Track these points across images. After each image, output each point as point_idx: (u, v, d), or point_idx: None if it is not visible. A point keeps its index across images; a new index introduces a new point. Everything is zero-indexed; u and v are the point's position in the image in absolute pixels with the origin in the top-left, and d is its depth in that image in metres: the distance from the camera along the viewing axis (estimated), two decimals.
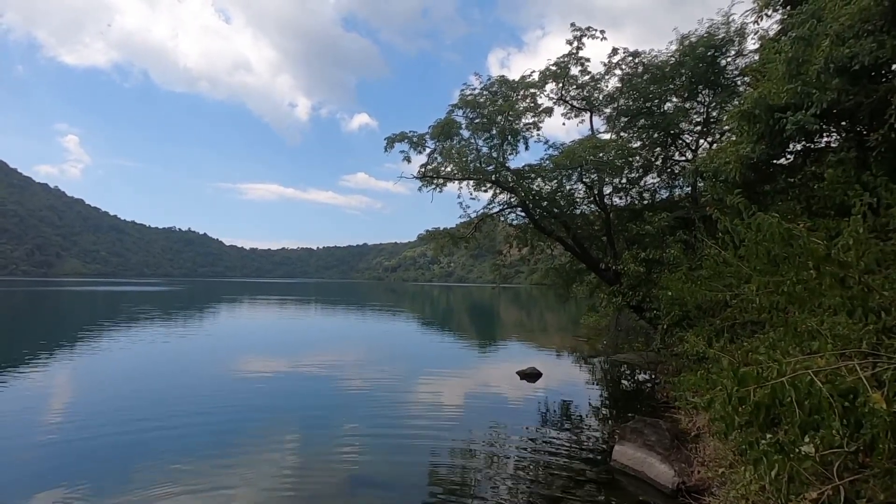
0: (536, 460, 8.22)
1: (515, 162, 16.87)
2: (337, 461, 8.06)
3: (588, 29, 15.74)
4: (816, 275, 3.66)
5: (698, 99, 15.42)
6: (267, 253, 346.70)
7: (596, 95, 16.67)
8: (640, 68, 15.55)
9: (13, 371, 14.21)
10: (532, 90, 16.23)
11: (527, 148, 16.72)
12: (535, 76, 16.22)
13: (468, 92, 16.10)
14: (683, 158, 16.45)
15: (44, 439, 8.74)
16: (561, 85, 16.51)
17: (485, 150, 16.20)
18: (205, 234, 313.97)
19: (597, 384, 15.38)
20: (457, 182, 16.52)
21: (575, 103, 17.13)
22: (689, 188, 15.12)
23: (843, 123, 8.41)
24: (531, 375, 14.87)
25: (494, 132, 15.84)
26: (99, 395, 12.14)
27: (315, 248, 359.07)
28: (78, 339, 20.95)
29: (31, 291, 62.47)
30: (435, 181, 16.34)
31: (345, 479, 7.33)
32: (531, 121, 16.51)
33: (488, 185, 16.35)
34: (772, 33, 11.02)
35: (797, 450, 3.14)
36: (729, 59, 14.60)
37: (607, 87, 16.49)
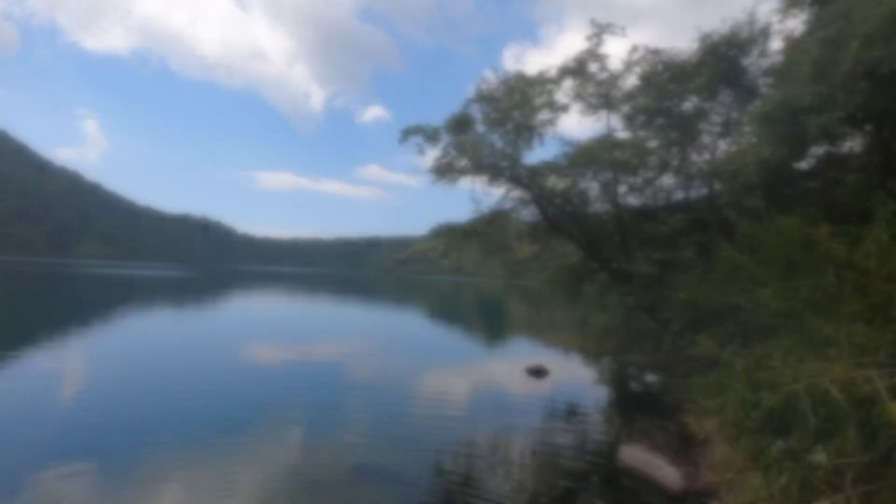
0: (541, 458, 8.21)
1: (530, 159, 16.80)
2: (342, 451, 8.11)
3: (608, 25, 15.58)
4: (836, 281, 3.60)
5: (719, 99, 15.18)
6: (279, 242, 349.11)
7: (614, 93, 16.50)
8: (661, 66, 15.35)
9: (33, 350, 14.51)
10: (549, 86, 16.10)
11: (542, 144, 16.64)
12: (553, 72, 16.10)
13: (484, 86, 16.03)
14: (701, 159, 16.23)
15: (52, 418, 8.89)
16: (579, 82, 16.35)
17: (499, 145, 16.16)
18: (218, 221, 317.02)
19: (605, 384, 15.31)
20: (470, 177, 16.50)
21: (592, 100, 16.96)
22: (706, 190, 14.92)
23: (868, 128, 8.24)
24: (539, 372, 14.83)
25: (510, 127, 15.77)
26: (111, 375, 12.34)
27: (327, 238, 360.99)
28: (92, 322, 21.33)
29: (50, 273, 63.66)
30: (448, 175, 16.32)
31: (349, 469, 7.37)
32: (547, 117, 16.41)
33: (502, 180, 16.30)
34: (797, 34, 10.80)
35: (809, 458, 3.10)
36: (752, 60, 14.34)
37: (626, 84, 16.32)
